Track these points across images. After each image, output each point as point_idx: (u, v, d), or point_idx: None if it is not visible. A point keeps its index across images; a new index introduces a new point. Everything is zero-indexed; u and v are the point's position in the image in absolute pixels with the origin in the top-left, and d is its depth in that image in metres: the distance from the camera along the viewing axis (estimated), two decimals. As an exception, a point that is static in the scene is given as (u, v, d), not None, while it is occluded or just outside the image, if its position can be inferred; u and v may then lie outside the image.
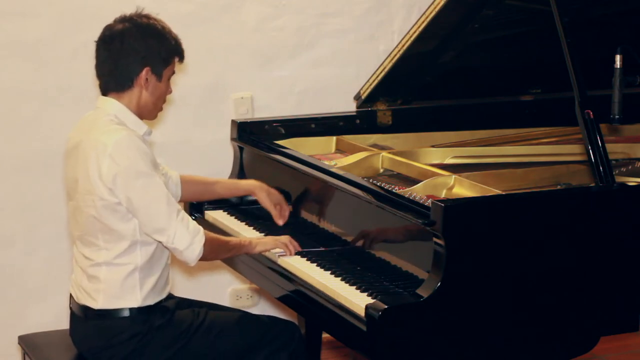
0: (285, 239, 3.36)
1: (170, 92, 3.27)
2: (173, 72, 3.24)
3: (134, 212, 3.08)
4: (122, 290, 3.13)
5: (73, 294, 3.26)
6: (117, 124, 3.14)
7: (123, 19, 3.21)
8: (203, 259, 3.15)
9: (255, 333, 3.28)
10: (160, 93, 3.22)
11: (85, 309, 3.18)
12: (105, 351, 3.14)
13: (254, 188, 3.60)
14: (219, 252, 3.25)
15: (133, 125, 3.17)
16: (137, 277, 3.14)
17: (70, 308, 3.27)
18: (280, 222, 3.57)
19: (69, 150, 3.23)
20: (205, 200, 3.78)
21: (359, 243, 3.32)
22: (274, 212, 3.57)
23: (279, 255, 3.34)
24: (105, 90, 3.21)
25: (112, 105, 3.18)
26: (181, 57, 3.26)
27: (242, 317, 3.36)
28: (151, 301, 3.17)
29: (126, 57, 3.14)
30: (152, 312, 3.16)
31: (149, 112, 3.23)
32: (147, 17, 3.21)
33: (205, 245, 3.12)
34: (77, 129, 3.25)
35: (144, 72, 3.16)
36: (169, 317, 3.19)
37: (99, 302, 3.15)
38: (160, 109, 3.27)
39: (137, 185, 3.06)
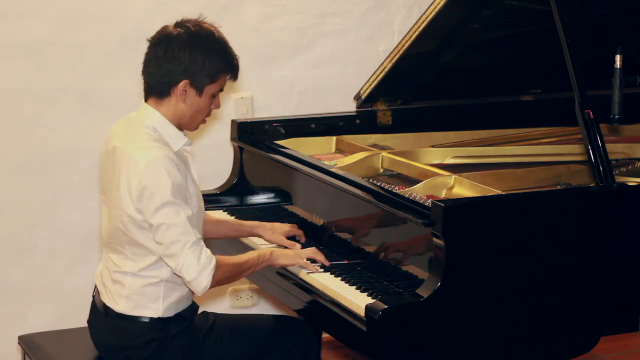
0: (309, 252, 3.28)
1: (218, 107, 3.18)
2: (220, 90, 3.14)
3: (152, 233, 3.05)
4: (145, 300, 3.12)
5: (98, 287, 3.24)
6: (154, 140, 3.06)
7: (179, 24, 3.11)
8: (217, 285, 3.09)
9: (268, 334, 3.28)
10: (199, 108, 3.12)
11: (107, 307, 3.17)
12: (121, 352, 3.14)
13: (257, 229, 3.52)
14: (234, 277, 3.17)
15: (172, 138, 3.10)
16: (161, 290, 3.12)
17: (93, 297, 3.27)
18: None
19: (108, 149, 3.16)
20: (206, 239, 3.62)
21: (360, 245, 3.33)
22: (287, 244, 3.46)
23: (307, 273, 3.26)
24: (146, 93, 3.14)
25: (152, 116, 3.10)
26: (234, 76, 3.15)
27: (254, 319, 3.37)
28: (171, 313, 3.15)
29: (167, 64, 3.06)
30: (170, 322, 3.15)
31: (187, 124, 3.15)
32: (202, 27, 3.11)
33: (216, 275, 3.04)
34: (118, 130, 3.18)
35: (181, 84, 3.07)
36: (185, 326, 3.17)
37: (120, 307, 3.14)
38: (202, 122, 3.19)
39: (157, 211, 3.01)
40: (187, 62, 3.06)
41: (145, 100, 3.15)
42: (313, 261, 3.28)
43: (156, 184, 3.00)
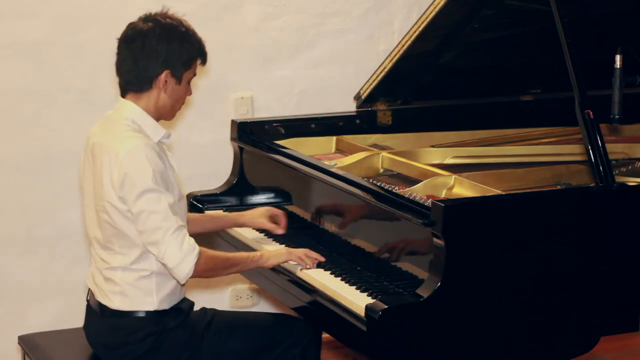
0: (301, 252, 3.30)
1: (190, 93, 3.25)
2: (194, 75, 3.23)
3: (134, 221, 3.08)
4: (139, 294, 3.13)
5: (91, 289, 3.26)
6: (133, 131, 3.12)
7: (147, 19, 3.18)
8: (199, 276, 3.12)
9: (267, 331, 3.29)
10: (179, 96, 3.20)
11: (102, 306, 3.19)
12: (119, 349, 3.15)
13: (239, 218, 3.59)
14: (218, 270, 3.20)
15: (151, 130, 3.16)
16: (153, 282, 3.14)
17: (88, 301, 3.28)
18: (280, 232, 3.56)
19: (88, 149, 3.22)
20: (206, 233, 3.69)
21: (360, 243, 3.33)
22: (269, 227, 3.56)
23: (300, 269, 3.27)
24: (124, 90, 3.19)
25: (131, 109, 3.16)
26: (203, 60, 3.24)
27: (253, 316, 3.38)
28: (167, 305, 3.17)
29: (146, 58, 3.12)
30: (167, 314, 3.17)
31: (166, 114, 3.22)
32: (172, 17, 3.18)
33: (199, 264, 3.07)
34: (97, 128, 3.23)
35: (163, 75, 3.13)
36: (183, 318, 3.19)
37: (115, 303, 3.15)
38: (179, 109, 3.26)
39: (138, 198, 3.04)
40: (166, 53, 3.13)
41: (123, 97, 3.20)
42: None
43: (136, 172, 3.04)
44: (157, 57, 3.12)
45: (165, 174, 3.10)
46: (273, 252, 3.32)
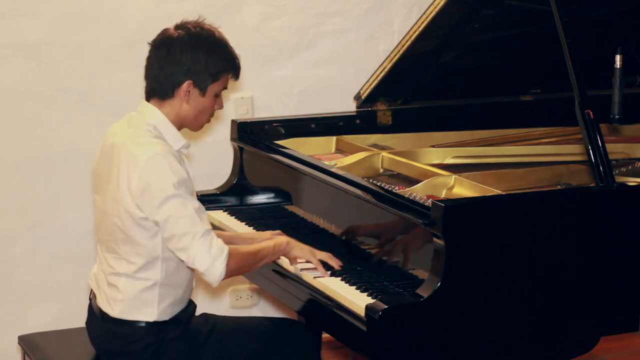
0: (323, 256, 3.24)
1: (221, 107, 3.19)
2: (224, 88, 3.17)
3: (160, 229, 3.04)
4: (140, 304, 3.11)
5: (94, 291, 3.24)
6: (154, 137, 3.07)
7: (179, 26, 3.13)
8: (231, 276, 3.08)
9: (268, 337, 3.27)
10: (203, 107, 3.14)
11: (103, 312, 3.17)
12: (120, 357, 3.14)
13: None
14: (248, 266, 3.17)
15: (171, 138, 3.11)
16: (156, 293, 3.11)
17: (90, 300, 3.26)
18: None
19: (106, 147, 3.16)
20: None
21: (359, 243, 3.33)
22: None
23: (302, 269, 3.24)
24: (148, 95, 3.15)
25: (153, 115, 3.11)
26: (235, 74, 3.18)
27: (254, 322, 3.37)
28: (167, 316, 3.14)
29: (170, 65, 3.08)
30: (166, 325, 3.14)
31: (190, 124, 3.17)
32: (203, 27, 3.13)
33: (230, 264, 3.03)
34: (116, 128, 3.18)
35: (185, 85, 3.09)
36: (183, 329, 3.17)
37: (115, 311, 3.13)
38: (207, 121, 3.20)
39: (162, 206, 3.00)
40: (190, 62, 3.08)
41: (147, 101, 3.16)
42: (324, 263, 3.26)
43: (158, 180, 3.00)
44: (180, 66, 3.08)
45: (188, 182, 3.06)
46: (298, 243, 3.25)
